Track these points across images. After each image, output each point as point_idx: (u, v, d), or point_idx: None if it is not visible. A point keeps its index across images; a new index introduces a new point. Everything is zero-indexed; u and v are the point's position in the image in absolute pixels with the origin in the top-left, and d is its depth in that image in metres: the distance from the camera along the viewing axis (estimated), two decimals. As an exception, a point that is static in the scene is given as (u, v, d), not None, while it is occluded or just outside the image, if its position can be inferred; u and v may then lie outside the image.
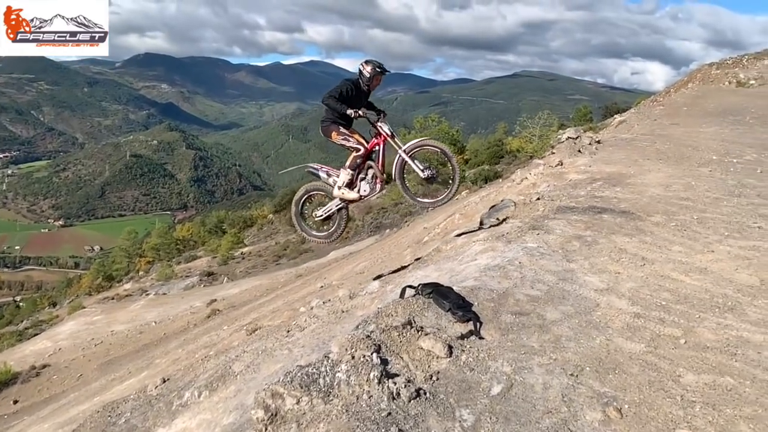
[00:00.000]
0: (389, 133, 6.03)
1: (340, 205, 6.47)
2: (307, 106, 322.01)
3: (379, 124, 6.04)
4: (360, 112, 5.92)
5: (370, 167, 6.22)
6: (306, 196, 6.74)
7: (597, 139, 12.03)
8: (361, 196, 6.32)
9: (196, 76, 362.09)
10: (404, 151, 5.98)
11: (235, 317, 12.00)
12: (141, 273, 40.85)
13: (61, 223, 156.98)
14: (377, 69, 6.08)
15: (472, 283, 4.36)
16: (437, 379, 3.05)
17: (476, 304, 3.93)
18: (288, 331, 5.86)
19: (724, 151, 9.86)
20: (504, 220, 6.81)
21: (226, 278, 28.12)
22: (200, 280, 29.51)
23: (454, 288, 4.15)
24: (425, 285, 4.07)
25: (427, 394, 2.86)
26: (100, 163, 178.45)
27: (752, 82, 18.95)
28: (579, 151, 11.95)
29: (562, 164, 10.27)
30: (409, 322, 3.56)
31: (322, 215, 6.57)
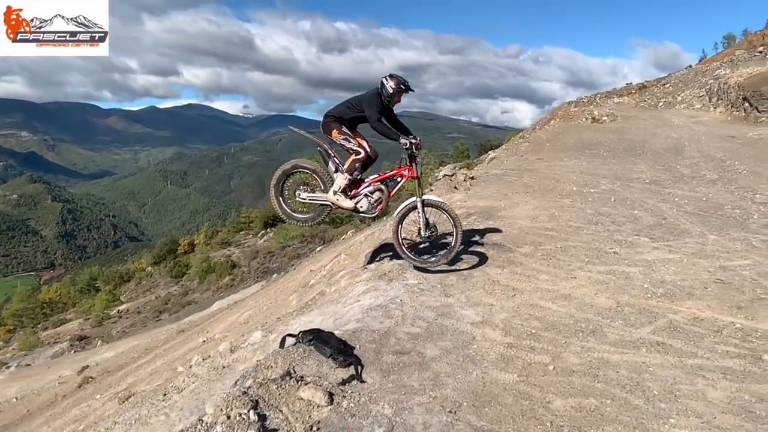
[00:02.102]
0: (418, 174, 5.63)
1: (327, 203, 5.94)
2: (186, 150, 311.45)
3: (418, 160, 5.65)
4: (414, 141, 5.50)
5: (380, 190, 5.74)
6: (297, 171, 6.11)
7: (471, 176, 12.61)
8: (356, 209, 5.84)
9: (62, 122, 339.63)
10: (422, 200, 5.56)
11: (110, 384, 11.03)
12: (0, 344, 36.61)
13: None
14: (401, 86, 5.64)
15: (355, 326, 4.34)
16: (318, 429, 2.97)
17: (358, 346, 3.91)
18: (165, 394, 5.48)
19: (583, 182, 10.71)
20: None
21: (100, 341, 25.90)
22: (71, 345, 26.92)
23: (336, 332, 4.10)
24: (306, 332, 3.98)
25: (307, 447, 2.77)
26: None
27: (605, 118, 20.87)
28: (455, 187, 12.49)
29: (439, 201, 10.64)
30: (289, 373, 3.45)
31: (305, 199, 6.02)
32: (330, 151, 5.90)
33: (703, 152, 13.56)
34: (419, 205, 5.56)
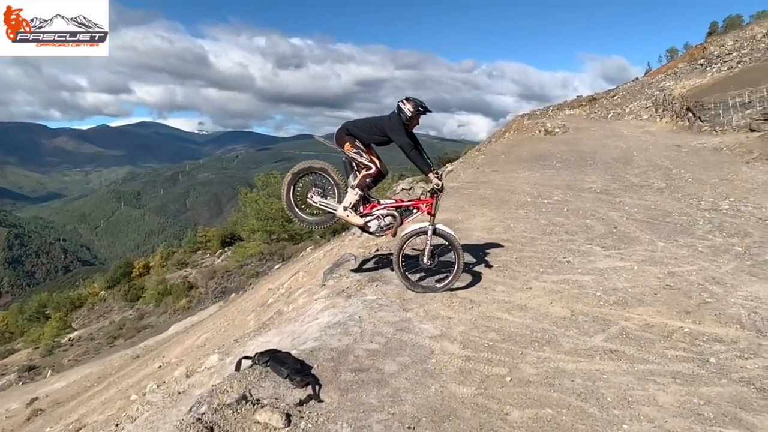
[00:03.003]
0: (435, 212, 5.58)
1: (334, 214, 5.88)
2: (140, 169, 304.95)
3: (440, 196, 5.60)
4: (442, 181, 5.48)
5: (393, 216, 5.70)
6: (320, 173, 6.01)
7: (429, 189, 12.71)
8: (365, 227, 5.80)
9: (7, 143, 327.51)
10: (434, 228, 5.49)
11: (60, 416, 10.57)
12: (-57, 377, 34.67)
13: None
14: (419, 108, 5.57)
15: (312, 344, 4.28)
16: (275, 453, 2.90)
17: (316, 366, 3.85)
18: (117, 425, 5.32)
19: (537, 193, 10.93)
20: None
21: (50, 371, 24.82)
22: (19, 377, 25.66)
23: (294, 351, 4.04)
24: (262, 354, 3.90)
25: (264, 473, 2.71)
26: None
27: (557, 130, 21.41)
28: (413, 201, 12.53)
29: (399, 215, 10.67)
30: (245, 396, 3.38)
31: (315, 203, 5.93)
32: (353, 164, 5.78)
33: (650, 161, 14.03)
34: (430, 232, 5.49)
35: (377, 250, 7.70)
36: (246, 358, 3.99)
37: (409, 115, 5.55)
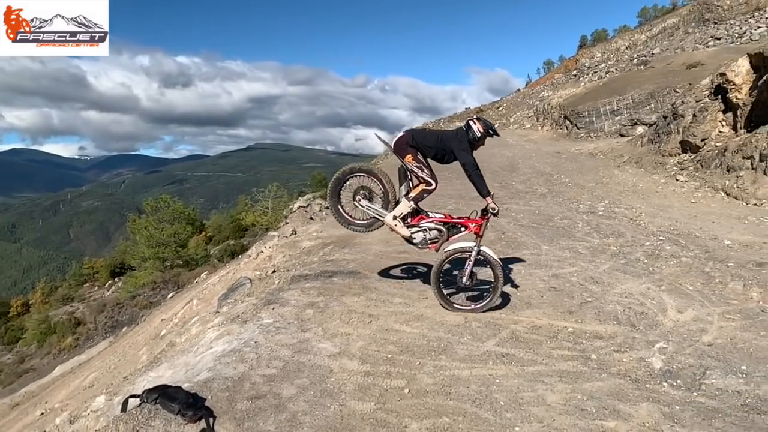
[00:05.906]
0: (482, 233, 5.46)
1: (380, 220, 5.71)
2: (13, 200, 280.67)
3: (492, 217, 5.46)
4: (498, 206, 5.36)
5: (439, 231, 5.56)
6: (365, 175, 5.86)
7: (326, 205, 12.71)
8: (410, 239, 5.63)
9: None
10: (479, 250, 5.31)
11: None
12: None
13: None
14: (489, 132, 5.52)
15: (206, 375, 4.10)
16: (166, 496, 2.73)
17: (210, 397, 3.69)
18: (-11, 483, 4.79)
19: (431, 203, 11.02)
20: None
21: None
22: None
23: (186, 385, 3.84)
24: (150, 390, 3.67)
25: None
26: None
27: (449, 142, 22.24)
28: (311, 218, 12.50)
29: (296, 233, 10.57)
30: (131, 439, 3.16)
31: (363, 207, 5.79)
32: (408, 174, 5.64)
33: (534, 168, 14.88)
34: (474, 253, 5.35)
35: (274, 271, 7.56)
36: (133, 396, 3.74)
37: (478, 135, 5.55)
